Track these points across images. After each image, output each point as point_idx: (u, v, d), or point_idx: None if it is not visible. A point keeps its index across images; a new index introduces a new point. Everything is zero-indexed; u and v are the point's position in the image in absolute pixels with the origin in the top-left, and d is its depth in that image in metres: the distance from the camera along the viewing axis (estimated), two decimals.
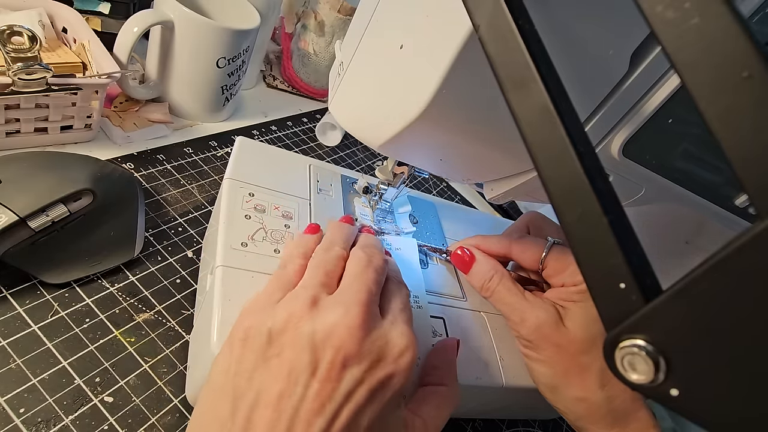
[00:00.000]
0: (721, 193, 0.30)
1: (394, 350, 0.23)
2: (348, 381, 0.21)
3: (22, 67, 0.35)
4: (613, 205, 0.15)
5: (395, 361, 0.22)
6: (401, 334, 0.23)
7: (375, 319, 0.24)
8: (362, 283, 0.24)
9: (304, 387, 0.21)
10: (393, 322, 0.24)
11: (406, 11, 0.24)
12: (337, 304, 0.23)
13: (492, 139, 0.27)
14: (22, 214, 0.31)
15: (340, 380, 0.21)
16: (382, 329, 0.23)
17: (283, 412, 0.20)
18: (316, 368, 0.21)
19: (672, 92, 0.24)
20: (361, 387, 0.21)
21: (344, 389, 0.21)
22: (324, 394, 0.21)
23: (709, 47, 0.11)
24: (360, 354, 0.22)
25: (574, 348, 0.30)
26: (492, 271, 0.35)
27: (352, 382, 0.21)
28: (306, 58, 0.67)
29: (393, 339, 0.23)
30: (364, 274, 0.25)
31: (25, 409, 0.27)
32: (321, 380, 0.21)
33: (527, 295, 0.33)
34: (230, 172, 0.35)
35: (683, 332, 0.13)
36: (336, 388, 0.21)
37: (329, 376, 0.21)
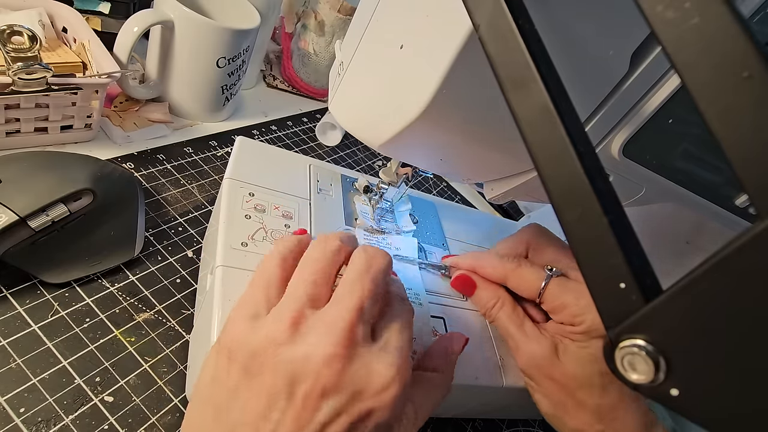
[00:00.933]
0: (721, 193, 0.30)
1: (377, 383, 0.21)
2: (325, 412, 0.20)
3: (22, 67, 0.35)
4: (613, 205, 0.15)
5: (377, 396, 0.21)
6: (388, 364, 0.21)
7: (361, 344, 0.22)
8: (354, 299, 0.22)
9: (281, 412, 0.20)
10: (383, 348, 0.22)
11: (406, 11, 0.24)
12: (320, 327, 0.21)
13: (492, 139, 0.27)
14: (22, 213, 0.31)
15: (317, 410, 0.20)
16: (366, 357, 0.21)
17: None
18: (292, 395, 0.20)
19: (672, 92, 0.24)
20: (339, 418, 0.20)
21: (320, 419, 0.20)
22: (299, 422, 0.20)
23: (709, 47, 0.11)
24: (338, 386, 0.20)
25: (569, 383, 0.30)
26: (494, 299, 0.34)
27: (329, 414, 0.20)
28: (306, 58, 0.67)
29: (377, 370, 0.21)
30: (358, 284, 0.23)
31: (25, 408, 0.27)
32: (297, 408, 0.20)
33: (526, 326, 0.33)
34: (230, 172, 0.35)
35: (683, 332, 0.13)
36: (312, 418, 0.20)
37: (305, 405, 0.20)
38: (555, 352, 0.31)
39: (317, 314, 0.22)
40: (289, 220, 0.35)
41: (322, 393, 0.20)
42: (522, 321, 0.33)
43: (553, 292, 0.32)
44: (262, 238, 0.32)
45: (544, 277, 0.32)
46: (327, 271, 0.24)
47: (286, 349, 0.21)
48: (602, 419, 0.30)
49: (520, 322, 0.33)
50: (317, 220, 0.36)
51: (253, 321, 0.22)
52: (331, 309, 0.22)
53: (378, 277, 0.24)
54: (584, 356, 0.30)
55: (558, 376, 0.31)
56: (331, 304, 0.22)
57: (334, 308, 0.22)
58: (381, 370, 0.21)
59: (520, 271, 0.33)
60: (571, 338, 0.31)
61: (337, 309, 0.22)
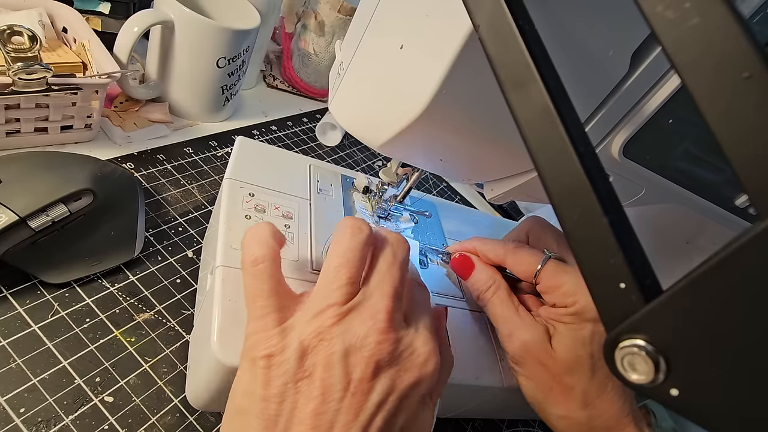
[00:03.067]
0: (721, 193, 0.30)
1: (420, 358, 0.23)
2: (379, 391, 0.22)
3: (22, 67, 0.35)
4: (613, 205, 0.15)
5: (421, 368, 0.23)
6: (425, 341, 0.24)
7: (400, 327, 0.24)
8: (389, 287, 0.24)
9: (338, 402, 0.21)
10: (416, 329, 0.25)
11: (406, 11, 0.24)
12: (366, 313, 0.23)
13: (492, 139, 0.27)
14: (23, 214, 0.31)
15: (372, 391, 0.22)
16: (408, 337, 0.24)
17: (320, 427, 0.21)
18: (349, 383, 0.22)
19: (672, 92, 0.24)
20: (391, 395, 0.22)
21: (376, 399, 0.22)
22: (357, 405, 0.21)
23: (709, 47, 0.11)
24: (389, 362, 0.23)
25: (558, 368, 0.30)
26: (489, 281, 0.34)
27: (382, 393, 0.22)
28: (306, 58, 0.67)
29: (418, 347, 0.24)
30: (389, 273, 0.25)
31: (25, 408, 0.27)
32: (354, 393, 0.21)
33: (520, 311, 0.33)
34: (230, 172, 0.35)
35: (683, 332, 0.13)
36: (368, 398, 0.22)
37: (361, 389, 0.22)
38: (547, 337, 0.31)
39: (357, 305, 0.24)
40: (289, 220, 0.35)
41: (375, 372, 0.22)
42: (516, 307, 0.33)
43: (549, 273, 0.32)
44: None
45: (541, 258, 0.33)
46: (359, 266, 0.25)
47: (336, 342, 0.22)
48: (587, 405, 0.30)
49: (514, 307, 0.33)
50: (317, 220, 0.36)
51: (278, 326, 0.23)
52: (371, 297, 0.24)
53: (404, 264, 0.26)
54: (576, 339, 0.30)
55: (548, 360, 0.31)
56: (370, 293, 0.24)
57: (372, 299, 0.24)
58: (420, 347, 0.24)
59: (518, 251, 0.34)
60: (563, 321, 0.31)
61: (376, 298, 0.24)
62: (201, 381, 0.28)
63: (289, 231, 0.34)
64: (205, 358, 0.27)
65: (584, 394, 0.30)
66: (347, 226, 0.26)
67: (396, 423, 0.22)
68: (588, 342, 0.30)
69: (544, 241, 0.35)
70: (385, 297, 0.24)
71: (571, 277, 0.31)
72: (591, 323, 0.30)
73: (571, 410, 0.31)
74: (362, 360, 0.22)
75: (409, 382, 0.23)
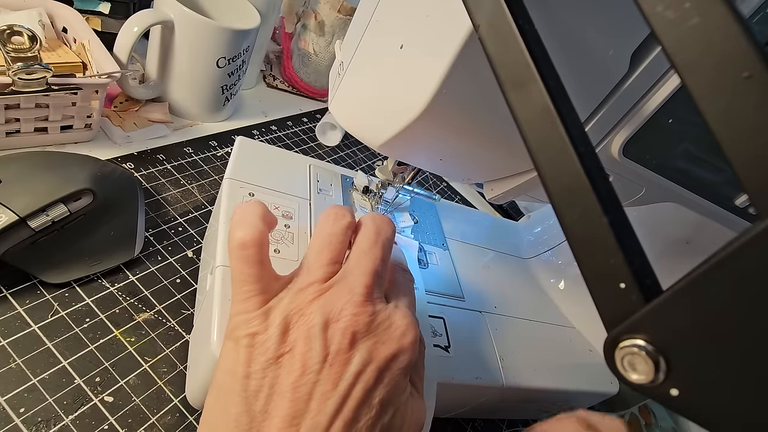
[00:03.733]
0: (721, 193, 0.30)
1: (398, 330, 0.24)
2: (356, 362, 0.22)
3: (22, 67, 0.35)
4: (613, 205, 0.15)
5: (399, 340, 0.23)
6: (403, 315, 0.24)
7: (379, 301, 0.24)
8: (369, 262, 0.24)
9: (317, 373, 0.21)
10: (396, 306, 0.25)
11: (406, 11, 0.24)
12: (343, 287, 0.24)
13: (492, 139, 0.27)
14: (22, 214, 0.31)
15: (350, 362, 0.22)
16: (386, 311, 0.24)
17: (298, 401, 0.21)
18: (327, 354, 0.22)
19: (672, 92, 0.24)
20: (369, 366, 0.22)
21: (354, 369, 0.22)
22: (336, 375, 0.22)
23: (709, 47, 0.11)
24: (366, 333, 0.23)
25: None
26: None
27: (360, 363, 0.22)
28: (306, 58, 0.67)
29: (396, 320, 0.24)
30: (370, 253, 0.25)
31: (25, 408, 0.27)
32: (332, 364, 0.22)
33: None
34: (230, 172, 0.35)
35: (683, 332, 0.13)
36: (346, 369, 0.22)
37: (339, 359, 0.22)
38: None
39: (337, 279, 0.24)
40: (289, 220, 0.35)
41: (351, 342, 0.22)
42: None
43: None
44: None
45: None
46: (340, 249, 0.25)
47: (315, 313, 0.22)
48: None
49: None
50: (317, 220, 0.36)
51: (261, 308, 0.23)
52: (350, 271, 0.24)
53: (386, 244, 0.26)
54: None
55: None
56: (350, 270, 0.24)
57: (353, 270, 0.24)
58: (398, 320, 0.24)
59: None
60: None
61: (355, 275, 0.24)
62: (201, 381, 0.28)
63: (289, 231, 0.34)
64: (205, 357, 0.27)
65: None
66: (330, 213, 0.26)
67: (376, 394, 0.22)
68: None
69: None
70: (364, 274, 0.24)
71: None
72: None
73: None
74: (339, 331, 0.22)
75: (387, 353, 0.23)
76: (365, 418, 0.22)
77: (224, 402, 0.22)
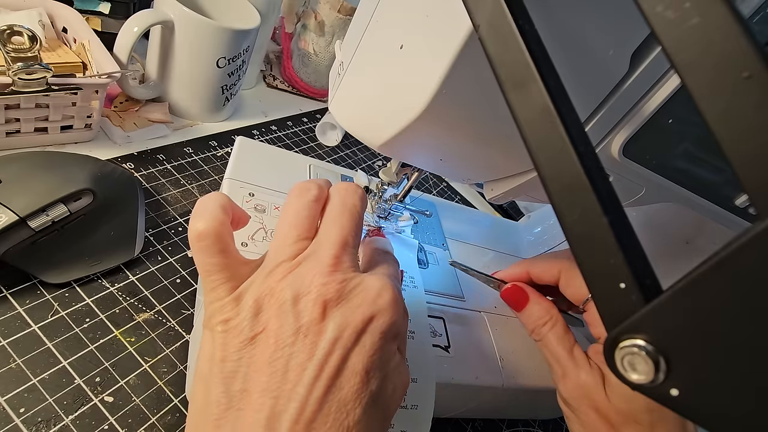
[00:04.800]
0: (721, 193, 0.29)
1: (371, 292, 0.23)
2: (331, 329, 0.21)
3: (22, 67, 0.35)
4: (613, 205, 0.15)
5: (374, 302, 0.22)
6: (377, 279, 0.23)
7: (349, 269, 0.23)
8: (336, 232, 0.24)
9: (291, 346, 0.21)
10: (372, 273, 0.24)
11: (406, 11, 0.24)
12: (312, 260, 0.23)
13: (492, 139, 0.27)
14: (22, 214, 0.31)
15: (324, 331, 0.21)
16: (358, 278, 0.23)
17: (275, 374, 0.20)
18: (299, 327, 0.21)
19: (672, 92, 0.24)
20: (345, 332, 0.21)
21: (330, 336, 0.21)
22: (311, 345, 0.21)
23: (709, 47, 0.11)
24: (338, 300, 0.22)
25: (614, 418, 0.29)
26: (546, 317, 0.33)
27: (336, 330, 0.21)
28: (306, 58, 0.67)
29: (369, 283, 0.23)
30: (338, 222, 0.24)
31: (25, 408, 0.27)
32: (306, 335, 0.21)
33: (575, 351, 0.31)
34: (230, 172, 0.35)
35: (683, 332, 0.13)
36: (321, 338, 0.21)
37: (312, 329, 0.21)
38: (602, 382, 0.30)
39: (306, 252, 0.23)
40: None
41: (324, 313, 0.21)
42: (572, 346, 0.31)
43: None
44: (262, 238, 0.32)
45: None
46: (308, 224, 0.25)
47: (286, 288, 0.22)
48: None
49: (570, 346, 0.31)
50: None
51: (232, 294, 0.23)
52: (318, 242, 0.24)
53: (354, 211, 0.25)
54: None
55: (602, 408, 0.29)
56: (317, 245, 0.24)
57: (320, 241, 0.24)
58: (372, 283, 0.23)
59: (574, 272, 0.32)
60: None
61: (323, 247, 0.23)
62: None
63: None
64: None
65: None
66: (295, 188, 0.26)
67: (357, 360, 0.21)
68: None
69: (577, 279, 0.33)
70: (331, 244, 0.23)
71: None
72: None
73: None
74: (310, 302, 0.22)
75: (362, 316, 0.22)
76: (348, 385, 0.21)
77: (205, 387, 0.22)
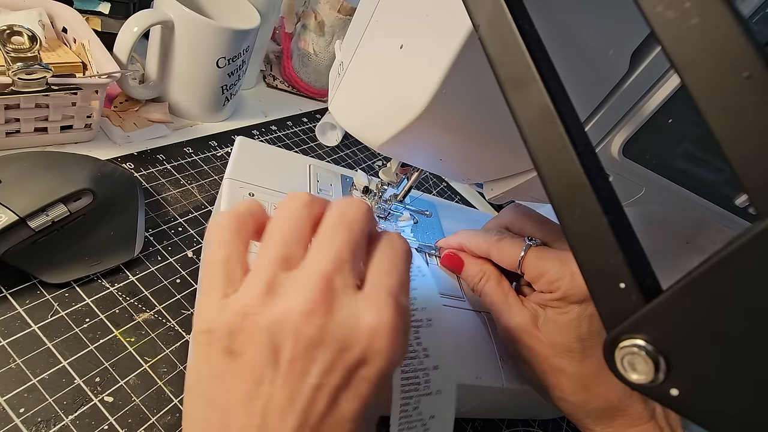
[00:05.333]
0: (721, 193, 0.30)
1: (364, 331, 0.19)
2: (314, 373, 0.19)
3: (22, 67, 0.35)
4: (613, 205, 0.15)
5: (366, 344, 0.19)
6: (377, 310, 0.19)
7: (342, 294, 0.19)
8: (327, 250, 0.20)
9: (269, 385, 0.19)
10: (370, 295, 0.20)
11: (406, 11, 0.24)
12: (294, 283, 0.19)
13: (492, 139, 0.27)
14: (22, 214, 0.31)
15: (306, 373, 0.19)
16: (349, 307, 0.19)
17: (255, 415, 0.19)
18: (277, 363, 0.19)
19: (672, 92, 0.24)
20: (330, 377, 0.19)
21: (311, 382, 0.19)
22: (290, 389, 0.18)
23: (709, 47, 0.11)
24: (322, 341, 0.19)
25: (548, 351, 0.31)
26: (480, 273, 0.36)
27: (319, 374, 0.19)
28: (306, 58, 0.67)
29: (363, 318, 0.19)
30: (331, 236, 0.21)
31: (25, 408, 0.27)
32: (284, 375, 0.19)
33: (510, 298, 0.34)
34: (230, 172, 0.35)
35: (683, 332, 0.13)
36: (302, 382, 0.19)
37: (292, 370, 0.19)
38: (535, 322, 0.32)
39: (292, 274, 0.20)
40: None
41: (306, 352, 0.19)
42: (507, 294, 0.34)
43: (531, 261, 0.32)
44: None
45: (523, 247, 0.33)
46: (299, 227, 0.21)
47: (262, 318, 0.19)
48: (585, 388, 0.31)
49: (504, 295, 0.34)
50: None
51: (222, 300, 0.20)
52: (305, 265, 0.20)
53: (354, 224, 0.21)
54: (562, 322, 0.31)
55: (534, 343, 0.32)
56: (305, 261, 0.20)
57: (308, 264, 0.20)
58: (367, 317, 0.19)
59: (500, 244, 0.34)
60: (550, 305, 0.32)
61: (311, 263, 0.20)
62: None
63: None
64: None
65: (578, 377, 0.31)
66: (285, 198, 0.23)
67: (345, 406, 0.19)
68: (574, 325, 0.30)
69: (526, 230, 0.36)
70: (321, 262, 0.20)
71: (552, 264, 0.31)
72: (576, 306, 0.30)
73: (567, 392, 0.31)
74: (289, 339, 0.19)
75: (351, 362, 0.19)
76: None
77: (191, 404, 0.21)
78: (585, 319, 0.30)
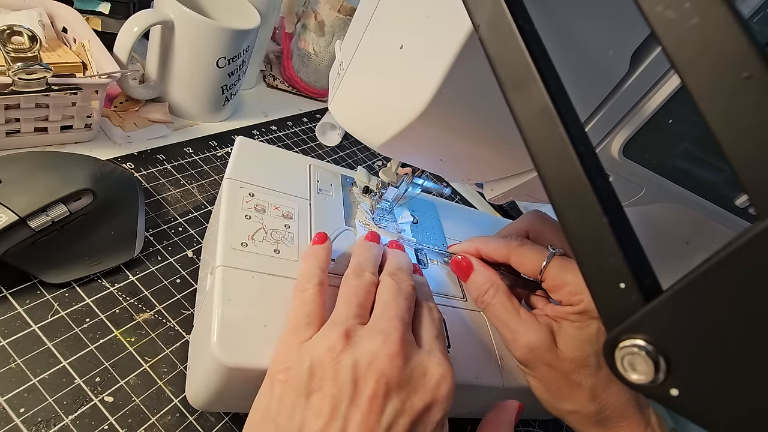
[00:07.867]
0: (721, 193, 0.30)
1: (432, 380, 0.23)
2: (389, 413, 0.21)
3: (22, 67, 0.35)
4: (613, 205, 0.15)
5: (434, 390, 0.23)
6: (438, 363, 0.24)
7: (412, 347, 0.24)
8: (395, 312, 0.25)
9: (345, 420, 0.21)
10: (429, 351, 0.25)
11: (406, 11, 0.24)
12: (375, 333, 0.23)
13: (492, 139, 0.27)
14: (22, 214, 0.31)
15: (383, 411, 0.21)
16: (419, 357, 0.24)
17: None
18: (357, 399, 0.21)
19: (672, 92, 0.24)
20: (401, 418, 0.21)
21: (386, 421, 0.21)
22: (367, 426, 0.21)
23: (709, 47, 0.11)
24: (400, 383, 0.22)
25: (566, 367, 0.30)
26: (488, 284, 0.34)
27: (392, 414, 0.21)
28: (306, 58, 0.67)
29: (431, 369, 0.23)
30: (395, 302, 0.26)
31: (25, 408, 0.27)
32: (363, 411, 0.21)
33: (522, 313, 0.33)
34: (230, 172, 0.35)
35: (683, 332, 0.13)
36: (378, 420, 0.21)
37: (372, 407, 0.21)
38: (552, 337, 0.31)
39: (367, 326, 0.24)
40: (289, 220, 0.35)
41: (386, 392, 0.21)
42: (517, 309, 0.33)
43: (554, 271, 0.32)
44: (262, 238, 0.32)
45: (546, 255, 0.32)
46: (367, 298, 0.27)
47: (346, 354, 0.22)
48: (595, 398, 0.31)
49: (515, 310, 0.33)
50: (317, 220, 0.36)
51: (300, 344, 0.24)
52: (378, 319, 0.25)
53: (409, 294, 0.27)
54: (581, 337, 0.30)
55: (555, 361, 0.31)
56: (377, 318, 0.25)
57: (381, 319, 0.24)
58: (433, 369, 0.23)
59: (522, 249, 0.33)
60: (569, 319, 0.31)
61: (384, 319, 0.24)
62: (201, 381, 0.28)
63: (289, 231, 0.34)
64: (205, 358, 0.27)
65: (592, 389, 0.30)
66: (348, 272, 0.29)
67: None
68: (594, 340, 0.30)
69: (546, 237, 0.35)
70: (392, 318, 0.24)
71: (576, 275, 0.31)
72: (597, 321, 0.30)
73: (580, 405, 0.31)
74: (372, 377, 0.22)
75: (421, 404, 0.22)
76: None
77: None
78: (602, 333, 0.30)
